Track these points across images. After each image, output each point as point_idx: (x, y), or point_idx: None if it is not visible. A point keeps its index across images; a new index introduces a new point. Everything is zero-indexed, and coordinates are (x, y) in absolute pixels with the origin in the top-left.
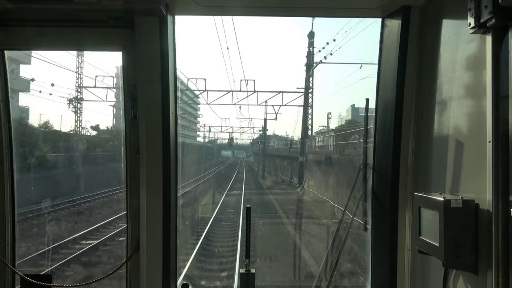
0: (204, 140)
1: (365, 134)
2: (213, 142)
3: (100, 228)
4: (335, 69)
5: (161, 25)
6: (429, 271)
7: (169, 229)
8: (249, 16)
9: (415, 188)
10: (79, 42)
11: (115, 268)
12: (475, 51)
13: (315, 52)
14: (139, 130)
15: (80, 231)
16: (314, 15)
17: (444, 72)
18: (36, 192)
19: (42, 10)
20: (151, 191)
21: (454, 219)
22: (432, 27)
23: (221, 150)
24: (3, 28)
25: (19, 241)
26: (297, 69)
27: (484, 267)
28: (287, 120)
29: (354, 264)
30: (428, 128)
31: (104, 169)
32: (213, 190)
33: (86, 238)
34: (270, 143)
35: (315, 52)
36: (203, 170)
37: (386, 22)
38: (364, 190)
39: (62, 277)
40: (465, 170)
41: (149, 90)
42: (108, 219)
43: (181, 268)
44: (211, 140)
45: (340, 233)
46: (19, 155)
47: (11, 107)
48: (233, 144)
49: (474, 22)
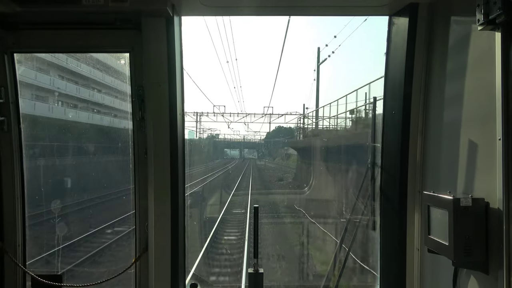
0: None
1: (373, 132)
2: (211, 139)
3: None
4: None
5: (168, 26)
6: (438, 271)
7: (177, 229)
8: (255, 16)
9: (424, 186)
10: (88, 44)
11: (124, 268)
12: (484, 48)
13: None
14: (146, 131)
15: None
16: (321, 14)
17: (452, 70)
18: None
19: (51, 13)
20: (159, 192)
21: (464, 218)
22: (440, 24)
23: (217, 148)
24: (13, 31)
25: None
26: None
27: (495, 267)
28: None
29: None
30: (436, 126)
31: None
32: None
33: None
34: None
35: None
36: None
37: (393, 20)
38: (372, 189)
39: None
40: (475, 168)
41: (156, 91)
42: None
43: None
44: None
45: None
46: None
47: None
48: (228, 141)
49: (483, 19)
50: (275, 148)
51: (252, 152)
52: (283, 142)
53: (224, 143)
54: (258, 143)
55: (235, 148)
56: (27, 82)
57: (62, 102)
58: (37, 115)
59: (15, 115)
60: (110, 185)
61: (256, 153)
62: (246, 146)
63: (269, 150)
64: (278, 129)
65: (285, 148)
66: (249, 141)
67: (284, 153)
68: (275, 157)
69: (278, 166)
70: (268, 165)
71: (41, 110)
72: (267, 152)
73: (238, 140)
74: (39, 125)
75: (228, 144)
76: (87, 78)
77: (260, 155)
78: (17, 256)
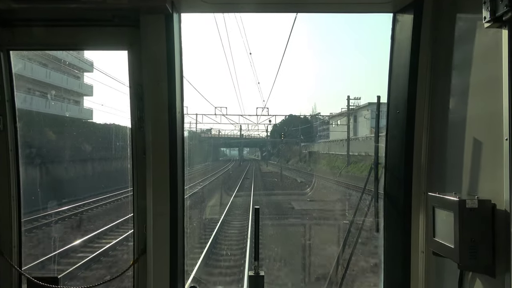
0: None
1: (377, 132)
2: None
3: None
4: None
5: (167, 23)
6: (444, 274)
7: (176, 231)
8: (257, 13)
9: (429, 188)
10: (85, 42)
11: (122, 270)
12: (490, 46)
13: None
14: (145, 130)
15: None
16: (325, 11)
17: (458, 68)
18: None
19: (47, 10)
20: (157, 192)
21: (469, 220)
22: (445, 21)
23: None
24: (9, 28)
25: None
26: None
27: (501, 270)
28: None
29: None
30: (442, 126)
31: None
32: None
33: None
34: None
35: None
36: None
37: (397, 17)
38: (376, 190)
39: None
40: (481, 169)
41: (155, 89)
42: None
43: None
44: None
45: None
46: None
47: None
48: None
49: (489, 16)
50: (288, 145)
51: (254, 152)
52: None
53: (218, 140)
54: (261, 141)
55: (233, 147)
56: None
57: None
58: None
59: (11, 114)
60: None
61: (258, 152)
62: (247, 145)
63: (278, 148)
64: (289, 120)
65: (301, 144)
66: (250, 138)
67: (302, 152)
68: (288, 158)
69: (306, 176)
70: (284, 173)
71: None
72: (276, 151)
73: (235, 136)
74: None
75: (225, 142)
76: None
77: (266, 155)
78: (13, 258)
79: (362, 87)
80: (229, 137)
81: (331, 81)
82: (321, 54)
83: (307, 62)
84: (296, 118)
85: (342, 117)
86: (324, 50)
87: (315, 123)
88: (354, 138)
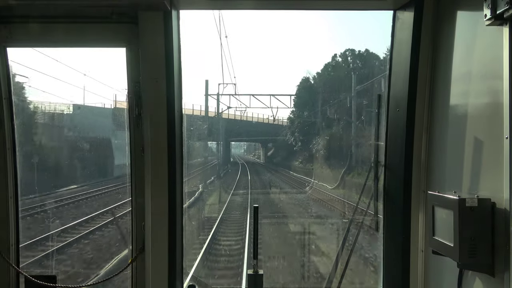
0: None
1: (376, 130)
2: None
3: None
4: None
5: (166, 20)
6: (443, 273)
7: (174, 229)
8: (256, 10)
9: (429, 186)
10: (83, 39)
11: (120, 269)
12: (491, 43)
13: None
14: (143, 128)
15: None
16: (324, 8)
17: (458, 66)
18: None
19: (45, 6)
20: (156, 190)
21: (469, 219)
22: (446, 19)
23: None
24: (6, 25)
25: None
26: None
27: (501, 268)
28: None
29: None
30: (442, 124)
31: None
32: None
33: None
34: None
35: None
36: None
37: (398, 15)
38: (376, 189)
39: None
40: (481, 168)
41: (153, 87)
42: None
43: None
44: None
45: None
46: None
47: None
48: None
49: (490, 14)
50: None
51: (252, 149)
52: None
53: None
54: (264, 132)
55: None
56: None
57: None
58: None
59: (8, 112)
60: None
61: (261, 152)
62: (239, 136)
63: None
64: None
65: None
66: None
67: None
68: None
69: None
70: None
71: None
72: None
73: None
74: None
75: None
76: None
77: (274, 156)
78: (10, 256)
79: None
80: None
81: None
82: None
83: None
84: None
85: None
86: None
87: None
88: None
